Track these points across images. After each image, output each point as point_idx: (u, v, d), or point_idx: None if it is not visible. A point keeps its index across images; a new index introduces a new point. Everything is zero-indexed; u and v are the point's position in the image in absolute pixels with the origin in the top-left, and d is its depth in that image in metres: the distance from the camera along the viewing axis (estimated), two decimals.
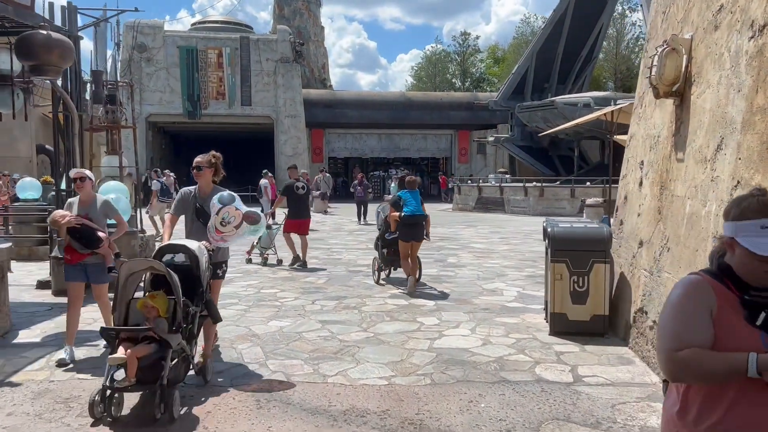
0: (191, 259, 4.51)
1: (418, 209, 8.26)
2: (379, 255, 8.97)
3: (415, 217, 8.21)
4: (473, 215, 24.28)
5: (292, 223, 10.70)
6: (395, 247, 8.61)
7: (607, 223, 17.48)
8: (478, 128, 37.31)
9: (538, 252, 12.38)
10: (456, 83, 55.13)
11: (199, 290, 4.49)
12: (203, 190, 5.15)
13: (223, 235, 4.77)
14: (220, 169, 5.22)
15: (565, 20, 31.88)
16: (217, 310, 4.78)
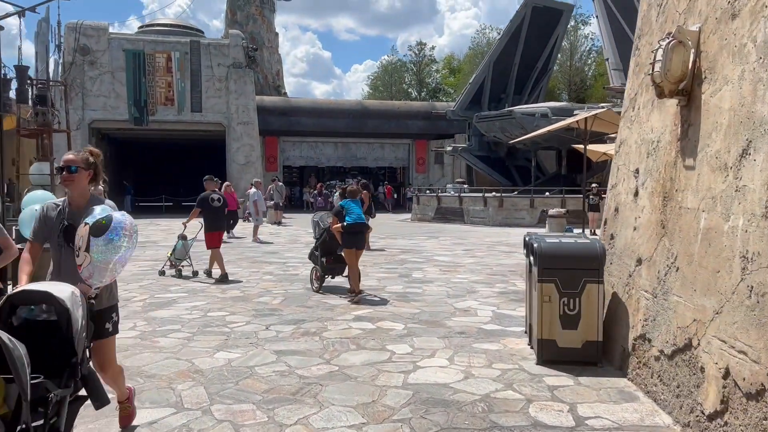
0: (58, 313, 2.95)
1: (361, 217, 8.48)
2: (318, 264, 9.06)
3: (359, 225, 8.42)
4: (433, 226, 23.72)
5: (212, 236, 10.41)
6: (335, 255, 8.98)
7: None
8: (435, 138, 36.97)
9: (505, 265, 11.81)
10: (412, 93, 54.90)
11: (72, 361, 2.93)
12: (76, 201, 3.61)
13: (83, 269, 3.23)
14: (100, 172, 3.70)
15: (522, 31, 31.91)
16: (102, 389, 3.17)
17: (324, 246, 8.98)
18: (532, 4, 31.74)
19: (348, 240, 8.33)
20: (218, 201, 10.46)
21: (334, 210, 8.79)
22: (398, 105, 38.95)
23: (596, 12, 27.22)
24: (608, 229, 5.92)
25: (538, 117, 26.94)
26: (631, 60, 5.95)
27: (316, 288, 9.02)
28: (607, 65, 26.08)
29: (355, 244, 8.38)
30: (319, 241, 9.04)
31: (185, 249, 10.89)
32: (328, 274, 9.12)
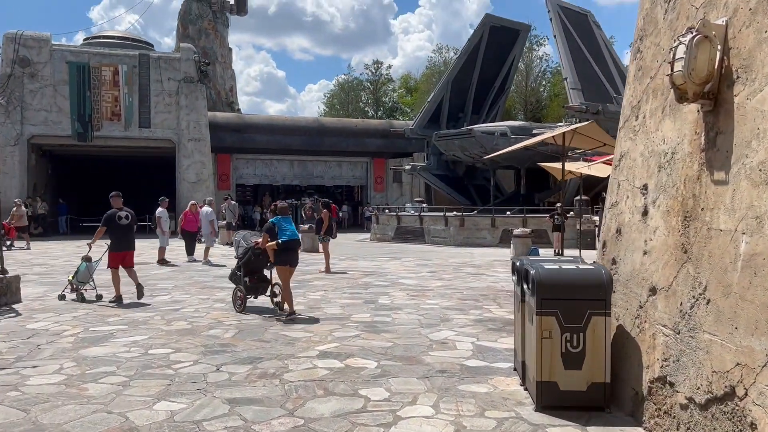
0: None
1: (295, 234, 8.57)
2: (241, 284, 8.96)
3: (294, 242, 8.46)
4: (394, 246, 23.00)
5: (115, 256, 9.87)
6: (258, 274, 9.07)
7: (536, 254, 16.70)
8: (393, 156, 36.45)
9: (475, 289, 11.15)
10: (369, 112, 54.48)
11: None
12: None
13: None
14: None
15: (479, 51, 31.89)
16: None
17: (248, 265, 8.91)
18: (489, 23, 31.80)
19: (282, 257, 8.33)
20: (126, 219, 9.95)
21: (265, 227, 8.74)
22: (356, 123, 38.34)
23: (554, 32, 27.29)
24: (608, 252, 5.27)
25: (497, 136, 26.71)
26: (631, 64, 5.37)
27: (239, 309, 8.85)
28: (566, 84, 26.11)
29: (288, 262, 8.42)
30: (243, 261, 8.91)
31: (89, 271, 10.14)
32: (251, 294, 9.04)
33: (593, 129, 7.70)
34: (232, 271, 9.37)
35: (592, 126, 7.68)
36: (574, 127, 7.68)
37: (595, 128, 7.68)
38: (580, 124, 7.83)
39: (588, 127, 7.73)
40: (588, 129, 7.72)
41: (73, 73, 29.94)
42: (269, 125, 35.05)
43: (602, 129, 7.94)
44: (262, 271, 9.14)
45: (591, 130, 7.76)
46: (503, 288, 11.23)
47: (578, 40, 27.95)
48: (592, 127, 7.69)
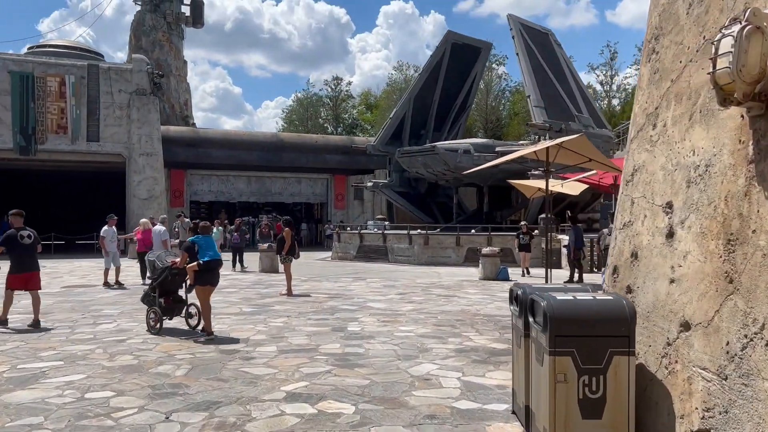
0: None
1: (217, 253, 8.49)
2: (156, 306, 8.69)
3: (216, 262, 8.36)
4: (356, 265, 22.20)
5: (16, 279, 9.27)
6: (174, 295, 8.87)
7: (505, 275, 16.19)
8: (355, 173, 35.78)
9: (450, 313, 10.46)
10: (328, 128, 53.77)
11: None
12: None
13: None
14: None
15: (441, 67, 31.66)
16: None
17: (163, 285, 8.67)
18: (451, 40, 31.64)
19: (204, 277, 8.19)
20: (29, 238, 9.35)
21: (184, 246, 8.60)
22: (316, 138, 37.54)
23: (516, 50, 27.23)
24: (622, 279, 4.65)
25: (460, 153, 26.34)
26: (643, 68, 4.81)
27: (155, 331, 8.56)
28: (529, 102, 25.99)
29: (210, 281, 8.31)
30: (159, 281, 8.64)
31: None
32: (167, 316, 8.80)
33: (581, 143, 7.17)
34: (145, 292, 9.00)
35: (580, 140, 7.14)
36: (561, 141, 7.13)
37: (583, 142, 7.16)
38: (567, 138, 7.27)
39: (576, 141, 7.19)
40: (575, 143, 7.19)
41: (16, 83, 28.32)
42: (226, 140, 33.93)
43: (591, 143, 7.43)
44: (178, 292, 8.97)
45: (578, 144, 7.23)
46: (478, 312, 10.58)
47: (540, 58, 27.97)
48: (580, 141, 7.16)
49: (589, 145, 7.26)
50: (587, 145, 7.22)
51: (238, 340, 8.13)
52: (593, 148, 7.29)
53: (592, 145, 7.33)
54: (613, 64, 43.00)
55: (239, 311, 10.84)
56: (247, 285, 15.27)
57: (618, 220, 4.82)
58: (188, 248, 8.32)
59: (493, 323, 9.44)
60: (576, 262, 15.38)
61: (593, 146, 7.31)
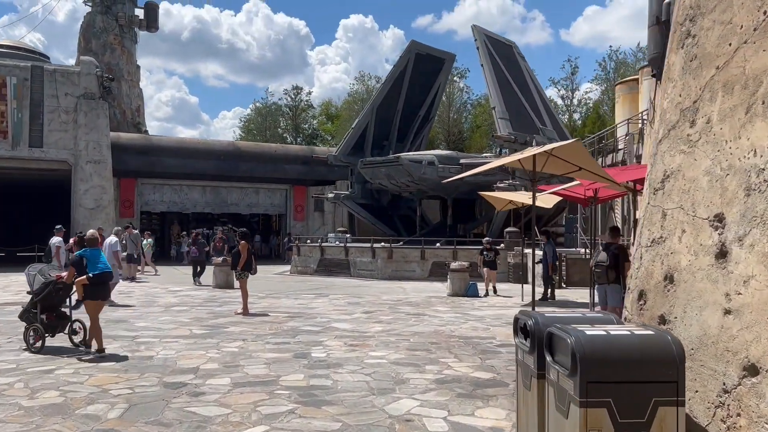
0: None
1: (107, 266, 8.33)
2: (37, 322, 8.24)
3: (106, 275, 8.22)
4: (317, 280, 21.18)
5: None
6: (57, 311, 8.51)
7: (474, 291, 15.43)
8: (315, 184, 34.75)
9: (422, 334, 9.62)
10: (288, 138, 52.57)
11: None
12: None
13: None
14: None
15: (405, 77, 31.09)
16: None
17: (46, 301, 8.27)
18: (415, 50, 31.12)
19: (93, 291, 7.98)
20: None
21: (72, 260, 8.45)
22: (275, 148, 36.35)
23: (481, 60, 26.82)
24: (651, 307, 3.88)
25: (425, 164, 25.70)
26: (673, 56, 4.09)
27: (35, 350, 8.11)
28: (494, 114, 25.54)
29: (101, 296, 8.18)
30: (41, 296, 8.22)
31: None
32: (49, 333, 8.34)
33: (574, 150, 6.47)
34: (24, 308, 8.52)
35: (573, 146, 6.43)
36: (551, 147, 6.39)
37: (577, 149, 6.45)
38: (557, 144, 6.55)
39: (569, 147, 6.47)
40: (567, 150, 6.48)
41: None
42: (180, 148, 32.46)
43: (585, 149, 6.71)
44: (61, 307, 8.57)
45: (570, 151, 6.53)
46: (453, 333, 9.77)
47: (504, 69, 27.67)
48: (573, 148, 6.44)
49: (584, 152, 6.57)
50: (581, 152, 6.52)
51: (186, 370, 7.08)
52: (587, 156, 6.59)
53: (586, 152, 6.64)
54: (574, 79, 43.41)
55: (189, 333, 9.75)
56: (198, 302, 14.12)
57: (644, 236, 4.06)
58: (75, 262, 8.11)
59: (470, 346, 8.63)
60: (550, 278, 14.75)
61: (587, 153, 6.61)
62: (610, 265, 8.60)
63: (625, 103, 23.07)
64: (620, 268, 8.47)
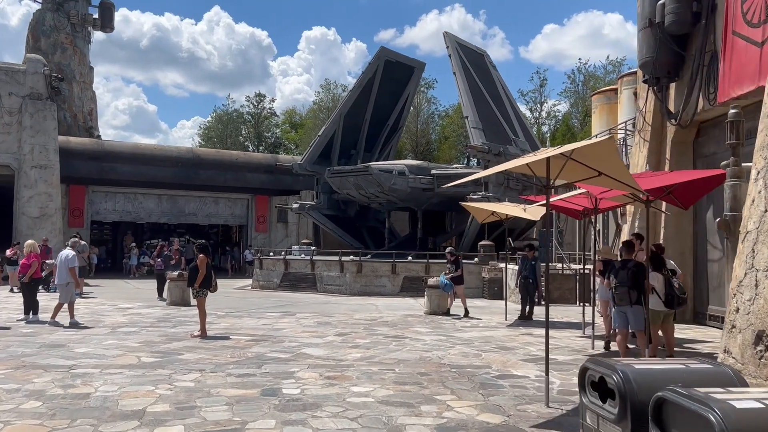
0: None
1: None
2: None
3: None
4: (281, 295, 19.80)
5: None
6: None
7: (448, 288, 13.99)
8: (279, 194, 33.31)
9: (408, 362, 8.45)
10: (249, 147, 50.90)
11: None
12: None
13: None
14: None
15: (373, 85, 30.12)
16: None
17: None
18: (384, 57, 30.19)
19: None
20: None
21: None
22: (237, 155, 34.76)
23: (453, 68, 26.01)
24: None
25: (395, 175, 24.67)
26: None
27: None
28: (467, 123, 24.68)
29: None
30: None
31: None
32: None
33: (600, 150, 5.41)
34: None
35: (602, 146, 5.36)
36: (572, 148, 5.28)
37: (606, 149, 5.39)
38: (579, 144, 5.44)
39: (595, 147, 5.41)
40: (592, 151, 5.42)
41: None
42: (135, 154, 30.64)
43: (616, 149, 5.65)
44: None
45: (595, 153, 5.50)
46: (442, 361, 8.63)
47: (477, 79, 26.94)
48: (603, 148, 5.38)
49: (612, 154, 5.53)
50: (609, 153, 5.49)
51: (129, 415, 5.74)
52: (615, 159, 5.57)
53: (616, 154, 5.60)
54: (543, 91, 43.18)
55: (137, 362, 8.36)
56: (150, 322, 12.65)
57: (763, 257, 3.00)
58: None
59: (466, 378, 7.50)
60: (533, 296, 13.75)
61: (617, 155, 5.58)
62: (631, 286, 7.66)
63: (603, 114, 22.53)
64: (641, 287, 7.54)
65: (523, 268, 13.37)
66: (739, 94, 10.68)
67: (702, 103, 12.00)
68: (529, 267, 13.36)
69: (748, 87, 10.37)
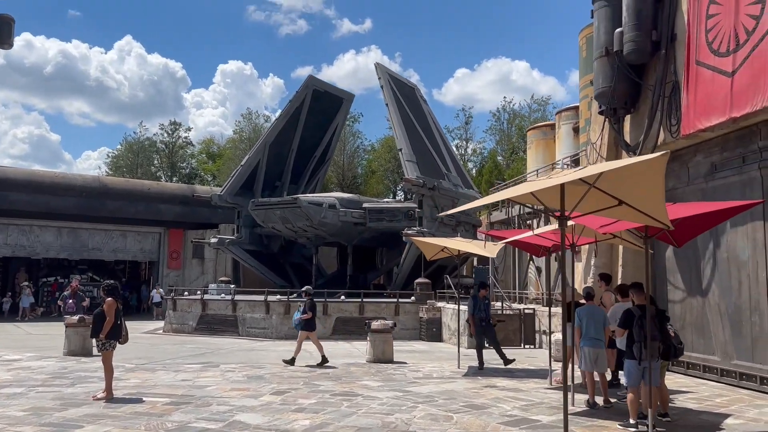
0: None
1: None
2: None
3: None
4: (199, 341, 17.67)
5: None
6: None
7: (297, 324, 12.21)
8: (195, 227, 30.94)
9: (367, 430, 6.95)
10: (162, 178, 47.84)
11: None
12: None
13: None
14: None
15: (301, 114, 28.82)
16: None
17: None
18: (312, 86, 29.00)
19: None
20: None
21: None
22: (149, 185, 32.10)
23: (386, 100, 25.18)
24: None
25: (326, 208, 23.27)
26: None
27: None
28: (401, 156, 23.76)
29: None
30: None
31: None
32: None
33: (644, 170, 4.27)
34: None
35: (655, 162, 4.17)
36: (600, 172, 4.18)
37: (656, 167, 4.24)
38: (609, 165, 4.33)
39: (645, 165, 4.22)
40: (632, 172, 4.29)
41: None
42: (31, 181, 27.50)
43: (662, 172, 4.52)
44: None
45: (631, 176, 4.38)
46: (410, 428, 7.20)
47: (409, 111, 26.25)
48: (651, 168, 4.21)
49: (659, 175, 4.44)
50: (657, 173, 4.37)
51: None
52: (660, 182, 4.48)
53: (662, 175, 4.47)
54: (468, 128, 43.35)
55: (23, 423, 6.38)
56: (42, 379, 10.44)
57: None
58: None
59: None
60: (494, 339, 12.44)
61: (663, 177, 4.46)
62: (661, 338, 6.69)
63: (539, 149, 22.27)
64: (665, 336, 6.60)
65: (476, 310, 12.07)
66: (707, 126, 10.17)
67: (663, 135, 11.49)
68: (484, 308, 12.14)
69: (718, 118, 9.87)
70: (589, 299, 8.80)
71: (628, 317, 7.09)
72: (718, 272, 10.66)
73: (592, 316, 8.31)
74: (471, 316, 12.17)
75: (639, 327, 6.86)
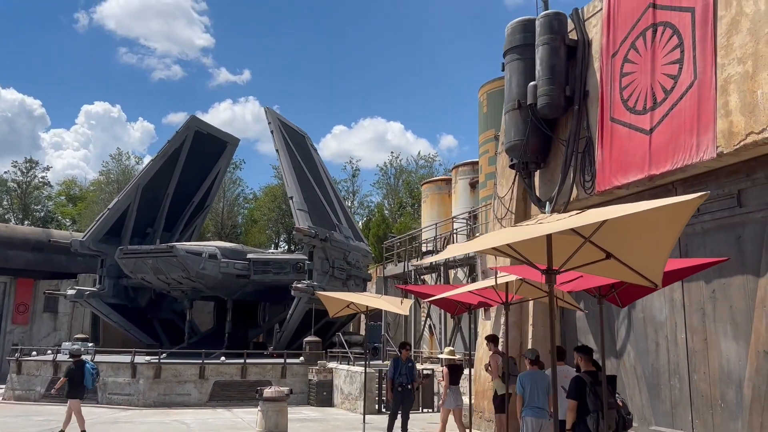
0: None
1: None
2: None
3: None
4: (50, 412, 14.82)
5: None
6: None
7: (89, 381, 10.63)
8: (49, 277, 27.22)
9: None
10: (11, 220, 42.49)
11: None
12: None
13: None
14: None
15: (180, 157, 26.83)
16: None
17: None
18: (195, 127, 27.21)
19: None
20: None
21: None
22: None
23: (276, 145, 24.01)
24: None
25: (205, 258, 21.30)
26: None
27: None
28: (292, 204, 22.45)
29: None
30: None
31: None
32: None
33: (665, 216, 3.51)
34: None
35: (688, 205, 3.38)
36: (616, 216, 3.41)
37: (685, 212, 3.48)
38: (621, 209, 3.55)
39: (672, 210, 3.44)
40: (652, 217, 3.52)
41: None
42: None
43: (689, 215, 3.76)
44: None
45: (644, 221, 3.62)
46: None
47: (300, 159, 25.22)
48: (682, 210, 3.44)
49: (682, 222, 3.70)
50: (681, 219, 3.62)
51: None
52: (677, 228, 3.76)
53: (684, 224, 3.73)
54: (355, 181, 42.97)
55: None
56: None
57: None
58: None
59: None
60: (409, 409, 11.08)
61: (683, 225, 3.73)
62: (612, 404, 5.98)
63: (434, 203, 22.01)
64: None
65: (396, 373, 10.69)
66: (624, 182, 10.04)
67: (576, 191, 11.30)
68: (406, 371, 10.76)
69: (636, 175, 9.76)
70: (534, 364, 8.00)
71: (579, 386, 6.32)
72: (633, 333, 10.40)
73: (536, 383, 7.50)
74: (390, 381, 10.82)
75: (594, 395, 6.11)
